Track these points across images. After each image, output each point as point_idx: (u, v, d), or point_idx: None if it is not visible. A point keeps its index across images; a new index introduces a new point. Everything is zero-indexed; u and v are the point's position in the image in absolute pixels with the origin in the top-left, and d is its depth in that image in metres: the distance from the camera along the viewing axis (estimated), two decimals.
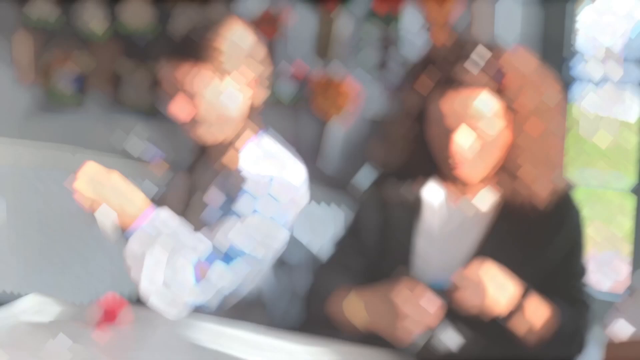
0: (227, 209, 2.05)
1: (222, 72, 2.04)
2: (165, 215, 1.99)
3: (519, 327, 1.80)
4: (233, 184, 2.06)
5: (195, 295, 1.95)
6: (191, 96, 2.04)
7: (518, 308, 1.77)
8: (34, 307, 2.00)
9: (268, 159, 2.07)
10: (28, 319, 1.94)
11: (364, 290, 1.87)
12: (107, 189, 1.95)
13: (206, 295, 1.96)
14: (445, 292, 1.75)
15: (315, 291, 2.01)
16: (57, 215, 3.61)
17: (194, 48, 2.02)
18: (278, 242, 2.07)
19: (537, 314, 1.80)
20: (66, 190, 2.01)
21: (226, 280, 1.98)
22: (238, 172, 2.06)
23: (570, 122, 2.87)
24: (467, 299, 1.74)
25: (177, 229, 1.98)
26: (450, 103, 1.82)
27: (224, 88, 2.05)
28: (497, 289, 1.75)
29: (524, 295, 1.78)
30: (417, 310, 1.73)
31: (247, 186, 2.03)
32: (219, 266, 1.97)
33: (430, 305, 1.74)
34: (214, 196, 2.08)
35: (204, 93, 2.03)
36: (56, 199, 3.59)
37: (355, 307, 1.85)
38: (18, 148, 3.74)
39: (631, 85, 3.23)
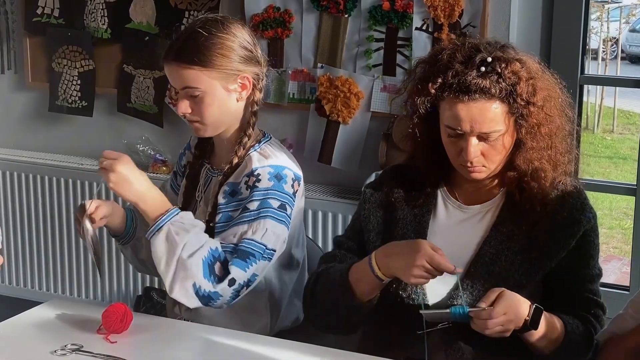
0: (233, 212, 2.05)
1: (221, 74, 2.04)
2: (185, 214, 2.01)
3: (532, 338, 1.81)
4: (238, 189, 2.06)
5: (210, 288, 1.95)
6: (192, 96, 2.05)
7: (532, 323, 1.78)
8: (48, 313, 2.01)
9: (270, 163, 2.06)
10: (43, 324, 1.95)
11: (388, 245, 1.90)
12: (132, 193, 1.98)
13: (224, 292, 1.97)
14: (468, 317, 1.77)
15: (316, 291, 2.01)
16: (66, 221, 3.61)
17: (193, 50, 2.03)
18: (283, 240, 2.06)
19: (548, 325, 1.82)
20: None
21: (243, 278, 1.98)
22: (242, 177, 2.06)
23: (581, 123, 2.85)
24: (496, 328, 1.75)
25: (196, 228, 1.99)
26: (465, 111, 1.82)
27: (224, 89, 2.05)
28: (518, 312, 1.77)
29: (535, 310, 1.79)
30: (430, 264, 1.79)
31: (251, 190, 2.03)
32: (235, 266, 1.97)
33: (445, 264, 1.79)
34: (220, 202, 2.07)
35: (203, 94, 2.04)
36: (65, 205, 3.60)
37: (381, 255, 1.87)
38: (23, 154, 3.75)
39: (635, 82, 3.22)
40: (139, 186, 1.98)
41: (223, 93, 2.05)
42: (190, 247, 1.95)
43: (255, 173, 2.04)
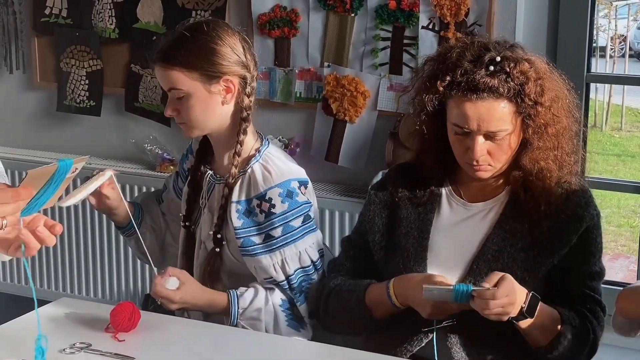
0: (256, 237, 2.08)
1: (202, 75, 2.05)
2: (242, 302, 2.08)
3: (527, 326, 1.82)
4: (252, 210, 2.08)
5: (309, 328, 2.10)
6: (178, 98, 2.07)
7: (528, 311, 1.79)
8: (57, 312, 2.02)
9: (276, 182, 2.07)
10: (51, 322, 1.96)
11: (405, 277, 1.92)
12: (191, 303, 2.09)
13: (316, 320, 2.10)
14: (470, 296, 1.77)
15: (329, 307, 2.03)
16: (75, 220, 3.63)
17: (176, 51, 2.05)
18: (321, 238, 2.14)
19: (545, 316, 1.83)
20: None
21: (312, 302, 2.08)
22: (253, 198, 2.08)
23: (588, 121, 2.85)
24: (496, 309, 1.76)
25: (261, 311, 2.07)
26: (472, 110, 1.83)
27: (206, 91, 2.06)
28: (518, 297, 1.77)
29: (532, 299, 1.80)
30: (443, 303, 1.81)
31: (267, 216, 2.06)
32: (301, 305, 2.08)
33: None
34: (237, 225, 2.09)
35: (187, 95, 2.06)
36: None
37: (398, 287, 1.90)
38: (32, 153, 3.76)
39: None
40: (194, 303, 2.09)
41: (205, 95, 2.06)
42: (271, 325, 2.07)
43: (267, 198, 2.06)
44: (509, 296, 1.75)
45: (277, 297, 2.08)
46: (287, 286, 2.08)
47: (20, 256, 1.51)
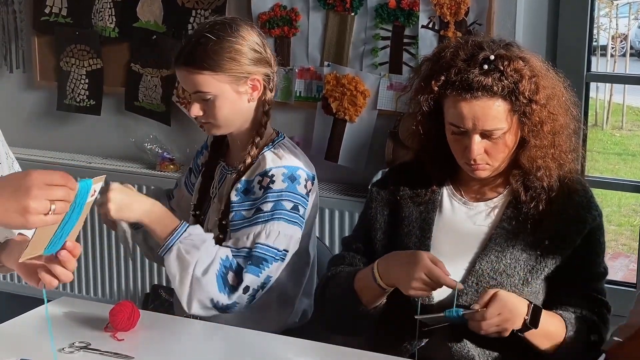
0: (247, 212, 2.07)
1: (231, 77, 2.06)
2: (194, 229, 2.05)
3: (532, 337, 1.82)
4: (251, 188, 2.09)
5: (226, 301, 2.01)
6: (203, 100, 2.08)
7: (531, 322, 1.79)
8: (56, 311, 2.02)
9: (284, 164, 2.08)
10: (52, 321, 1.96)
11: (390, 254, 1.92)
12: (135, 212, 2.02)
13: (240, 300, 2.03)
14: (463, 319, 1.79)
15: (326, 295, 2.02)
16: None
17: (202, 55, 2.05)
18: (296, 240, 2.10)
19: (548, 323, 1.83)
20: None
21: (257, 283, 2.03)
22: (255, 175, 2.08)
23: (587, 120, 2.84)
24: (491, 328, 1.77)
25: (206, 243, 2.03)
26: (467, 109, 1.83)
27: (234, 92, 2.07)
28: (514, 311, 1.78)
29: (534, 309, 1.80)
30: (429, 277, 1.80)
31: (265, 191, 2.06)
32: (249, 273, 2.02)
33: (444, 278, 1.80)
34: (233, 200, 2.09)
35: (214, 97, 2.06)
36: None
37: (382, 265, 1.89)
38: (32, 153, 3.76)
39: None
40: (139, 205, 2.03)
41: (234, 96, 2.08)
42: (203, 264, 2.00)
43: (270, 174, 2.06)
44: (501, 314, 1.76)
45: (225, 252, 2.03)
46: (246, 254, 2.03)
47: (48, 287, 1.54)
